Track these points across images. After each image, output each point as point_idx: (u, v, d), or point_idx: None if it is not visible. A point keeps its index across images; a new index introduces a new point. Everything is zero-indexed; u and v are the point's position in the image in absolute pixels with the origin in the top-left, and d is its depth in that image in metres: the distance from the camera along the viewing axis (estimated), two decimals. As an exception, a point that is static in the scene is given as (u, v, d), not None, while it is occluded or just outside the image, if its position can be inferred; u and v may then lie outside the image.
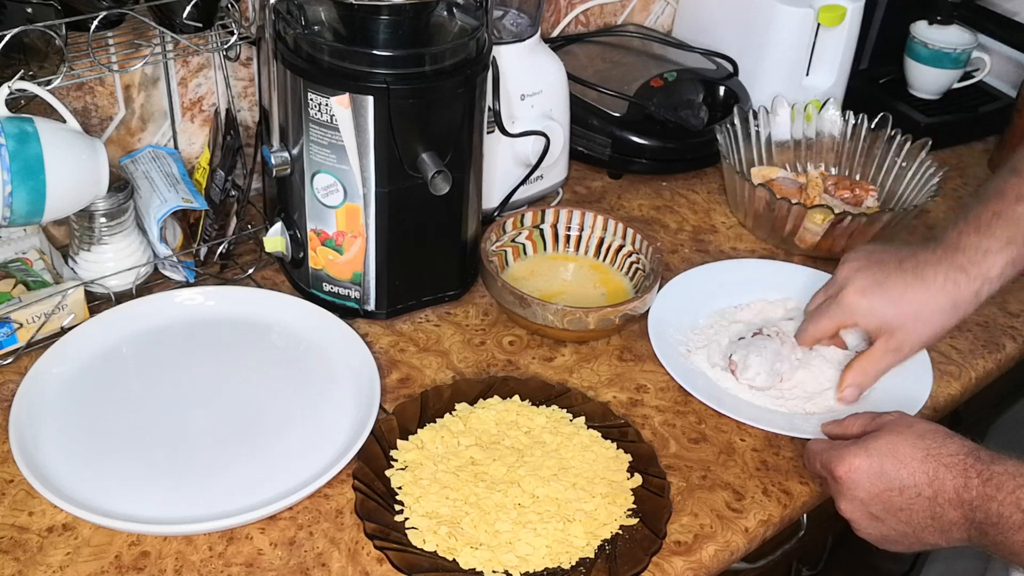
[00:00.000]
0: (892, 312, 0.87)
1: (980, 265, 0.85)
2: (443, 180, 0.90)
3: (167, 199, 1.00)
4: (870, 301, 0.88)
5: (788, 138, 1.25)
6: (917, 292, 0.87)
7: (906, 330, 0.88)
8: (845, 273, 0.91)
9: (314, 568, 0.76)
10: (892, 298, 0.87)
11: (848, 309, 0.90)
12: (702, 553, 0.79)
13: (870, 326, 0.90)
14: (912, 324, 0.87)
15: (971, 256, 0.85)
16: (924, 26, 1.41)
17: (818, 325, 0.92)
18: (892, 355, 0.90)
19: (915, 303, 0.87)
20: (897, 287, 0.87)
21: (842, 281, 0.91)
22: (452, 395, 0.90)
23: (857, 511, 0.77)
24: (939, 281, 0.86)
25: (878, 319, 0.88)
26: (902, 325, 0.88)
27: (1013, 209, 0.85)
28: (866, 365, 0.91)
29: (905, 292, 0.87)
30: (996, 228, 0.85)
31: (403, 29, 0.89)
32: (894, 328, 0.88)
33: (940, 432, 0.75)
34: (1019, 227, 0.85)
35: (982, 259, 0.85)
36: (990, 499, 0.70)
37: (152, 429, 0.85)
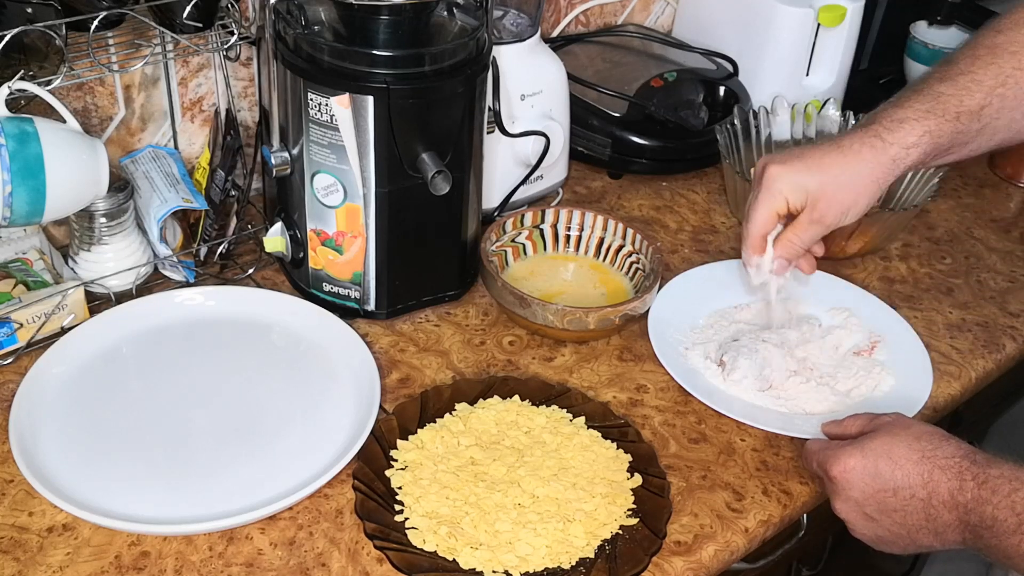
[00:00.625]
0: (814, 181, 0.86)
1: (895, 132, 0.85)
2: (443, 180, 0.90)
3: (167, 199, 1.00)
4: (791, 172, 0.87)
5: (788, 138, 1.25)
6: (835, 158, 0.86)
7: (827, 198, 0.87)
8: (763, 162, 0.90)
9: (314, 568, 0.76)
10: (810, 165, 0.86)
11: (773, 187, 0.87)
12: (702, 553, 0.79)
13: (796, 200, 0.88)
14: (832, 191, 0.86)
15: (887, 124, 0.85)
16: (924, 26, 1.41)
17: (755, 220, 0.89)
18: (816, 226, 0.88)
19: (833, 169, 0.86)
20: (815, 156, 0.87)
21: (762, 167, 0.89)
22: (452, 395, 0.90)
23: (852, 511, 0.77)
24: (854, 148, 0.86)
25: (802, 191, 0.87)
26: (823, 193, 0.86)
27: (934, 87, 0.85)
28: (791, 236, 0.89)
29: (823, 160, 0.86)
30: (915, 101, 0.86)
31: (403, 29, 0.89)
32: (816, 197, 0.87)
33: (936, 434, 0.75)
34: (938, 101, 0.85)
35: (897, 127, 0.85)
36: (985, 502, 0.70)
37: (152, 429, 0.85)
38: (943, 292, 1.11)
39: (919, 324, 1.04)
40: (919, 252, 1.18)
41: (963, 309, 1.09)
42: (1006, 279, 1.14)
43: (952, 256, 1.17)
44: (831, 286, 1.06)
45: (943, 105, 0.85)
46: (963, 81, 0.85)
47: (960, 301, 1.10)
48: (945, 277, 1.14)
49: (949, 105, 0.85)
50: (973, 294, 1.11)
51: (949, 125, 0.85)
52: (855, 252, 1.13)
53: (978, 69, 0.85)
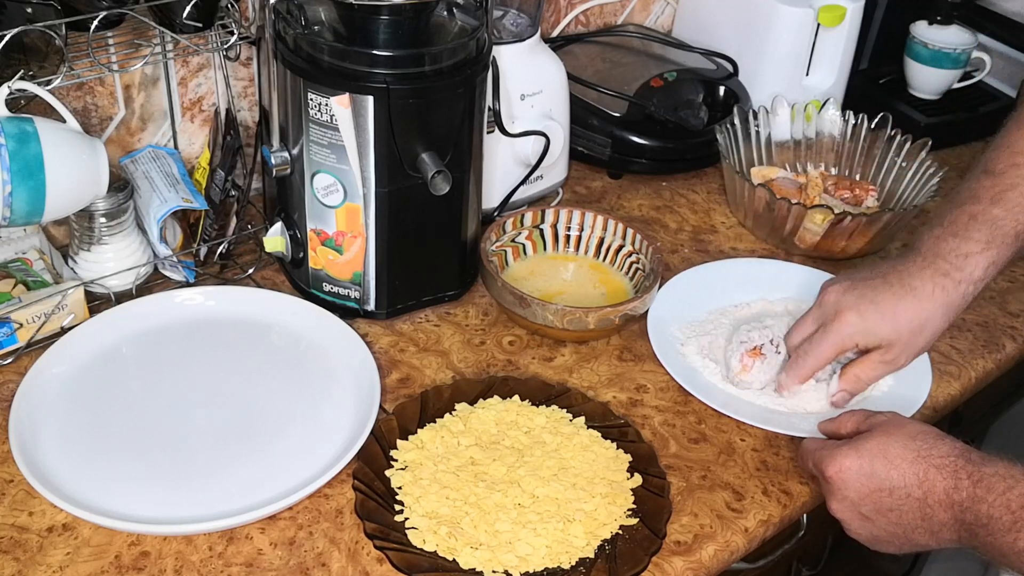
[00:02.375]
0: (889, 328, 0.87)
1: (963, 269, 0.86)
2: (443, 180, 0.90)
3: (167, 199, 1.00)
4: (865, 320, 0.87)
5: (788, 138, 1.25)
6: (909, 304, 0.86)
7: (903, 343, 0.88)
8: (832, 297, 0.90)
9: (314, 568, 0.76)
10: (886, 314, 0.87)
11: (844, 331, 0.88)
12: (702, 553, 0.79)
13: (869, 345, 0.89)
14: (908, 337, 0.87)
15: (953, 261, 0.86)
16: (924, 26, 1.41)
17: (818, 355, 0.89)
18: (887, 366, 0.90)
19: (909, 314, 0.87)
20: (889, 302, 0.87)
21: (831, 305, 0.89)
22: (452, 395, 0.90)
23: (847, 511, 0.77)
24: (928, 290, 0.86)
25: (876, 338, 0.88)
26: (899, 339, 0.87)
27: (989, 211, 0.86)
28: (860, 374, 0.90)
29: (898, 306, 0.87)
30: (973, 231, 0.86)
31: (403, 29, 0.89)
32: (892, 342, 0.88)
33: (931, 433, 0.76)
34: (997, 229, 0.86)
35: (963, 263, 0.86)
36: (980, 501, 0.70)
37: (152, 429, 0.85)
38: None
39: (919, 324, 1.04)
40: (919, 252, 1.18)
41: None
42: (1006, 279, 1.14)
43: (952, 256, 1.17)
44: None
45: (1002, 231, 0.86)
46: (1013, 198, 0.86)
47: (960, 301, 1.10)
48: (945, 277, 1.14)
49: (1007, 229, 0.86)
50: (973, 294, 1.11)
51: (1009, 249, 0.86)
52: (855, 252, 1.13)
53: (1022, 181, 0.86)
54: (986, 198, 0.87)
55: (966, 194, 0.88)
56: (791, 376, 0.91)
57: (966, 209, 0.87)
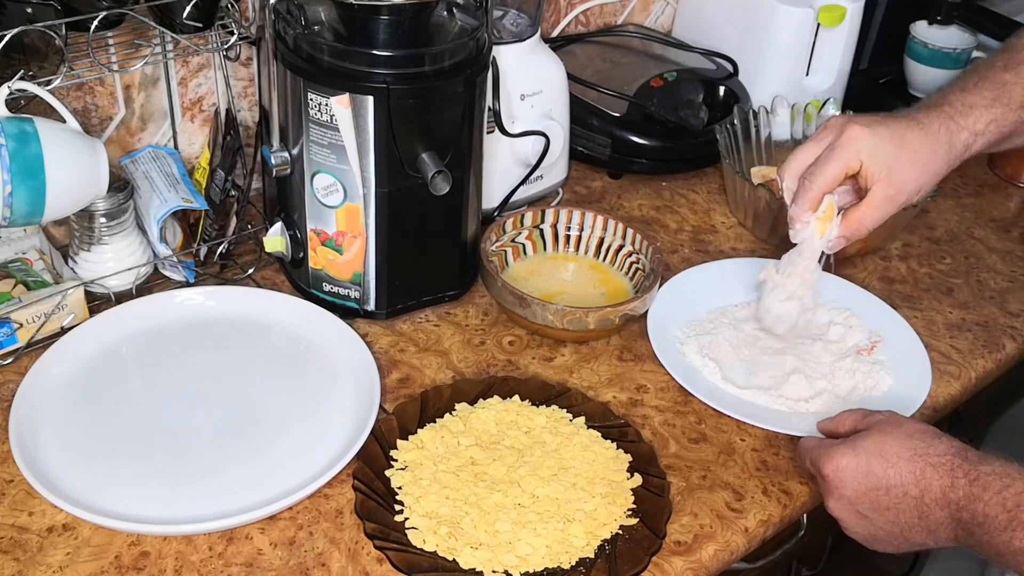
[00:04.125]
0: (895, 149, 0.86)
1: (967, 116, 0.88)
2: (443, 180, 0.90)
3: (167, 199, 1.00)
4: (876, 136, 0.86)
5: (788, 138, 1.25)
6: (916, 135, 0.87)
7: (904, 172, 0.86)
8: (839, 120, 0.88)
9: (314, 568, 0.76)
10: (895, 137, 0.86)
11: (854, 147, 0.85)
12: (702, 553, 0.79)
13: (873, 165, 0.86)
14: (909, 166, 0.86)
15: (959, 108, 0.88)
16: (924, 26, 1.41)
17: (824, 174, 0.86)
18: (889, 203, 0.87)
19: (915, 144, 0.87)
20: (898, 128, 0.87)
21: (840, 126, 0.87)
22: (452, 395, 0.90)
23: (845, 509, 0.78)
24: (934, 126, 0.87)
25: (882, 158, 0.85)
26: (900, 167, 0.86)
27: (999, 75, 0.88)
28: (862, 215, 0.88)
29: (906, 133, 0.87)
30: (982, 88, 0.88)
31: (403, 29, 0.89)
32: (893, 170, 0.86)
33: (929, 432, 0.76)
34: (1004, 89, 0.88)
35: (968, 111, 0.88)
36: (976, 499, 0.70)
37: (152, 429, 0.85)
38: (943, 292, 1.11)
39: (919, 324, 1.04)
40: (919, 252, 1.18)
41: (963, 309, 1.09)
42: (1006, 279, 1.14)
43: (952, 256, 1.17)
44: (831, 286, 1.06)
45: (1008, 93, 0.88)
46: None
47: (960, 301, 1.10)
48: (945, 277, 1.14)
49: (1015, 94, 0.88)
50: (973, 294, 1.11)
51: (1013, 115, 0.88)
52: (855, 252, 1.13)
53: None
54: (999, 65, 0.89)
55: (980, 64, 0.91)
56: (800, 202, 0.88)
57: (977, 72, 0.90)
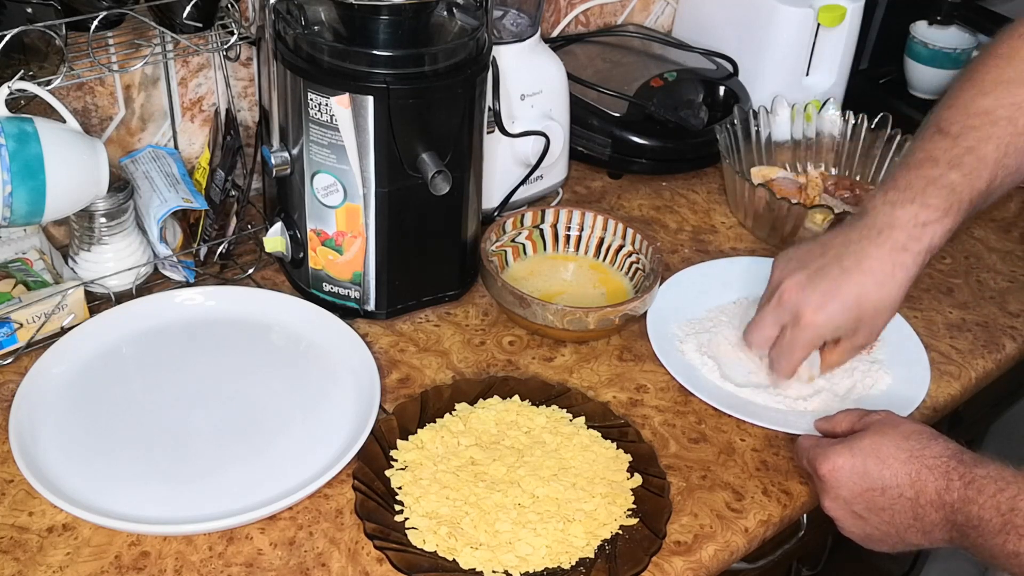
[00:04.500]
0: (852, 317, 0.85)
1: (921, 240, 0.83)
2: (443, 180, 0.90)
3: (167, 199, 1.00)
4: (830, 316, 0.85)
5: (788, 138, 1.25)
6: (870, 291, 0.84)
7: (867, 326, 0.87)
8: (791, 294, 0.86)
9: (314, 568, 0.76)
10: (848, 305, 0.85)
11: (813, 332, 0.86)
12: (702, 553, 0.79)
13: (837, 335, 0.88)
14: (871, 319, 0.86)
15: (911, 232, 0.83)
16: (924, 26, 1.41)
17: (791, 358, 0.88)
18: (857, 350, 0.90)
19: (871, 301, 0.85)
20: (851, 291, 0.84)
21: (791, 304, 0.86)
22: (452, 395, 0.90)
23: (840, 509, 0.78)
24: (887, 270, 0.84)
25: (843, 329, 0.87)
26: (863, 324, 0.86)
27: (946, 176, 0.83)
28: (835, 361, 0.91)
29: (859, 293, 0.84)
30: (931, 197, 0.83)
31: (403, 29, 0.89)
32: (855, 328, 0.87)
33: (925, 434, 0.76)
34: (954, 195, 0.83)
35: (921, 233, 0.83)
36: (971, 502, 0.70)
37: (152, 429, 0.85)
38: (943, 292, 1.11)
39: (919, 324, 1.04)
40: (919, 252, 1.18)
41: (963, 309, 1.09)
42: (1006, 279, 1.14)
43: (952, 256, 1.17)
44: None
45: (959, 197, 0.83)
46: (970, 163, 0.83)
47: (960, 301, 1.10)
48: (945, 277, 1.14)
49: (964, 195, 0.83)
50: (973, 294, 1.11)
51: (964, 215, 0.84)
52: (855, 252, 1.13)
53: (980, 144, 0.84)
54: (943, 161, 0.84)
55: (921, 155, 0.85)
56: (772, 380, 0.93)
57: (923, 173, 0.84)
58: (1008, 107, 0.84)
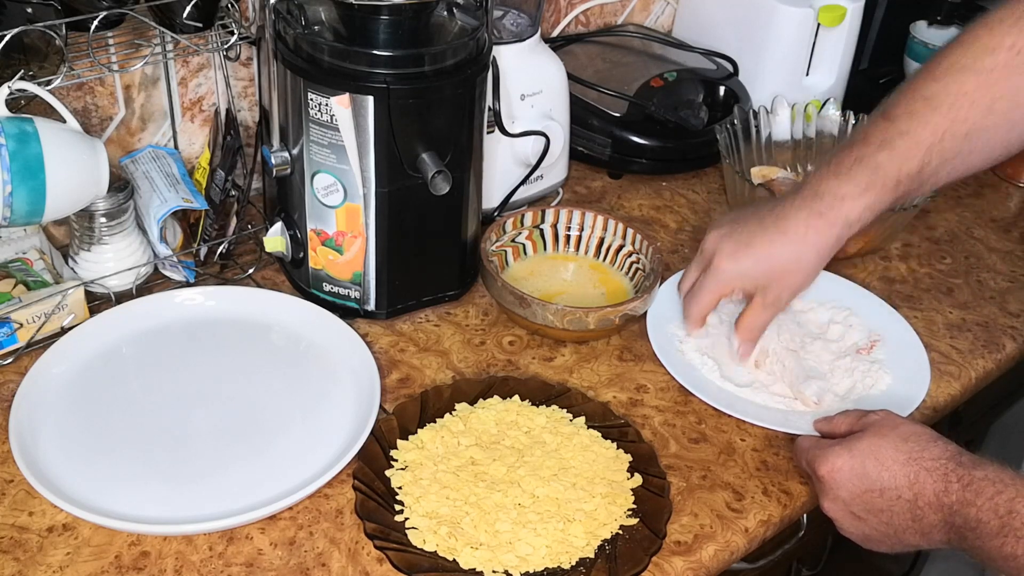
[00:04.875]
0: (762, 270, 0.89)
1: (838, 210, 0.85)
2: (443, 180, 0.90)
3: (167, 199, 1.00)
4: (740, 264, 0.89)
5: (788, 138, 1.25)
6: (782, 247, 0.87)
7: (778, 283, 0.89)
8: (711, 243, 0.92)
9: (314, 568, 0.76)
10: (759, 257, 0.88)
11: (722, 277, 0.90)
12: (702, 553, 0.79)
13: (746, 287, 0.91)
14: (781, 277, 0.89)
15: (829, 202, 0.86)
16: (924, 26, 1.41)
17: (699, 302, 0.92)
18: (771, 308, 0.91)
19: (781, 258, 0.88)
20: (763, 245, 0.88)
21: (710, 251, 0.91)
22: (452, 395, 0.90)
23: (839, 510, 0.78)
24: (800, 231, 0.86)
25: (751, 280, 0.90)
26: (774, 280, 0.89)
27: (874, 156, 0.85)
28: (750, 321, 0.92)
29: (771, 249, 0.88)
30: (856, 173, 0.85)
31: (403, 29, 0.89)
32: (767, 284, 0.89)
33: (924, 435, 0.76)
34: (878, 173, 0.85)
35: (839, 204, 0.85)
36: (969, 504, 0.70)
37: (152, 429, 0.85)
38: (943, 292, 1.11)
39: (919, 324, 1.04)
40: (919, 252, 1.18)
41: (963, 309, 1.09)
42: (1006, 279, 1.14)
43: (952, 256, 1.17)
44: (832, 285, 1.06)
45: (882, 177, 0.84)
46: (902, 146, 0.84)
47: (960, 301, 1.10)
48: (945, 277, 1.14)
49: (889, 175, 0.84)
50: (973, 294, 1.11)
51: (889, 194, 0.85)
52: (855, 252, 1.13)
53: (916, 128, 0.84)
54: (875, 142, 0.86)
55: (858, 136, 0.88)
56: (686, 323, 0.96)
57: (854, 151, 0.86)
58: (954, 94, 0.84)
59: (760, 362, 0.96)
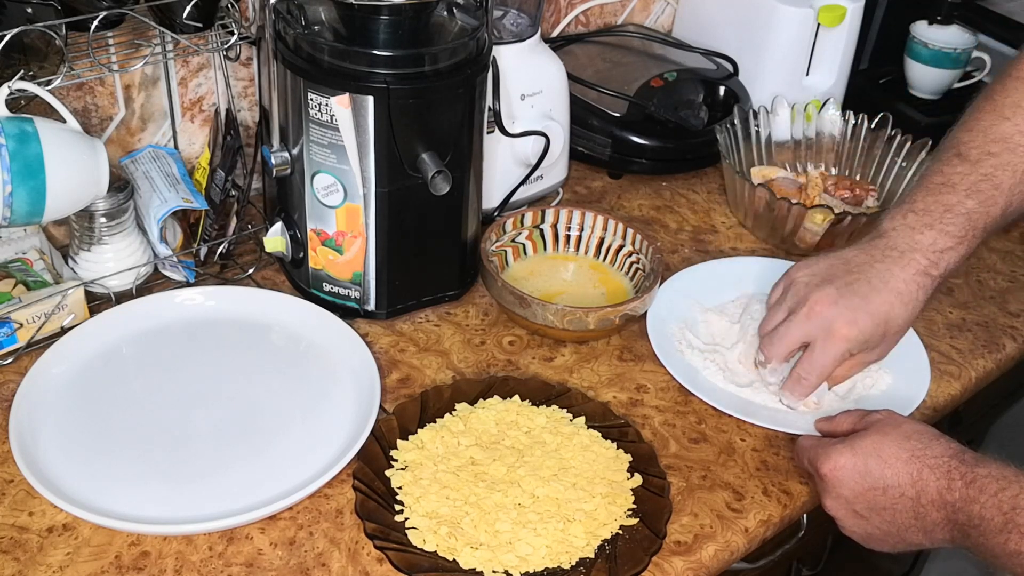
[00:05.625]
0: (880, 332, 0.86)
1: (939, 266, 0.86)
2: (443, 180, 0.90)
3: (167, 199, 1.00)
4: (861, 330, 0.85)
5: (788, 138, 1.25)
6: (897, 309, 0.85)
7: (887, 343, 0.87)
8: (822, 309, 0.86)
9: (314, 568, 0.76)
10: (878, 320, 0.85)
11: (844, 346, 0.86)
12: (702, 553, 0.79)
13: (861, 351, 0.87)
14: (893, 336, 0.87)
15: (931, 258, 0.85)
16: (924, 26, 1.41)
17: (821, 373, 0.88)
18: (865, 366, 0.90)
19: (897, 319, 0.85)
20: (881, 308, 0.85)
21: (825, 320, 0.86)
22: (452, 395, 0.90)
23: (841, 509, 0.78)
24: (912, 292, 0.85)
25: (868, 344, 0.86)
26: (885, 340, 0.87)
27: (964, 204, 0.86)
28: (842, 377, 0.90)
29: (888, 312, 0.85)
30: (949, 224, 0.85)
31: (403, 29, 0.89)
32: (877, 343, 0.87)
33: (926, 433, 0.76)
34: (971, 223, 0.85)
35: (940, 259, 0.86)
36: (972, 501, 0.70)
37: (152, 429, 0.85)
38: (943, 292, 1.11)
39: (919, 324, 1.04)
40: (919, 252, 1.18)
41: (963, 309, 1.09)
42: (1006, 279, 1.14)
43: (952, 256, 1.17)
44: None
45: (974, 224, 0.85)
46: (987, 191, 0.85)
47: (960, 301, 1.10)
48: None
49: (979, 223, 0.86)
50: (973, 294, 1.11)
51: (979, 242, 0.86)
52: (855, 252, 1.13)
53: (997, 171, 0.86)
54: (961, 188, 0.86)
55: (939, 179, 0.87)
56: (796, 393, 0.90)
57: (941, 199, 0.86)
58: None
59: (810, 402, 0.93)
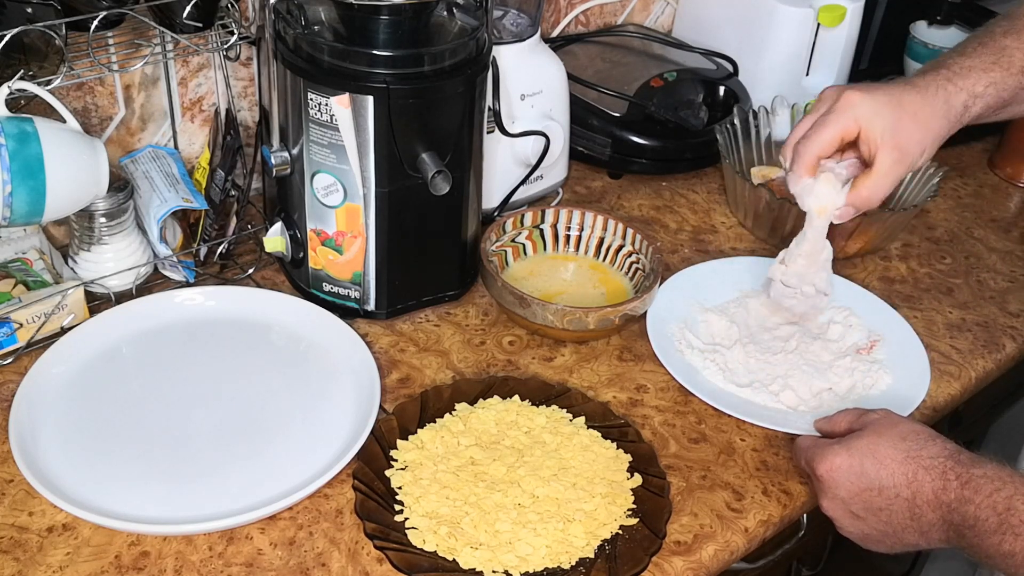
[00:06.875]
0: (893, 115, 0.85)
1: (965, 78, 0.87)
2: (443, 180, 0.90)
3: (167, 199, 1.00)
4: (874, 101, 0.85)
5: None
6: (914, 96, 0.86)
7: (906, 133, 0.85)
8: (835, 91, 0.88)
9: (314, 568, 0.76)
10: (892, 100, 0.86)
11: (851, 111, 0.85)
12: (702, 553, 0.79)
13: (873, 130, 0.85)
14: (912, 127, 0.85)
15: (956, 71, 0.87)
16: (924, 26, 1.41)
17: (817, 140, 0.86)
18: (899, 165, 0.86)
19: (912, 106, 0.86)
20: (895, 91, 0.86)
21: (836, 92, 0.87)
22: (452, 395, 0.90)
23: (838, 509, 0.78)
24: (931, 88, 0.87)
25: (882, 120, 0.85)
26: (903, 128, 0.85)
27: (999, 40, 0.88)
28: (872, 184, 0.87)
29: (902, 97, 0.86)
30: (981, 52, 0.88)
31: (403, 29, 0.89)
32: (896, 132, 0.85)
33: (923, 434, 0.76)
34: (1004, 54, 0.87)
35: (967, 74, 0.87)
36: (967, 502, 0.70)
37: (152, 429, 0.85)
38: (943, 292, 1.11)
39: (919, 324, 1.04)
40: (919, 252, 1.18)
41: (963, 309, 1.09)
42: (1006, 279, 1.14)
43: (952, 256, 1.17)
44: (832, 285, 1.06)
45: (1008, 58, 0.87)
46: None
47: (960, 301, 1.10)
48: (945, 277, 1.14)
49: (1014, 58, 0.87)
50: (973, 294, 1.11)
51: (1013, 79, 0.87)
52: (855, 252, 1.13)
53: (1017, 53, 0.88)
54: (999, 31, 0.89)
55: (979, 31, 0.91)
56: (796, 168, 0.88)
57: (976, 38, 0.90)
58: None
59: None
